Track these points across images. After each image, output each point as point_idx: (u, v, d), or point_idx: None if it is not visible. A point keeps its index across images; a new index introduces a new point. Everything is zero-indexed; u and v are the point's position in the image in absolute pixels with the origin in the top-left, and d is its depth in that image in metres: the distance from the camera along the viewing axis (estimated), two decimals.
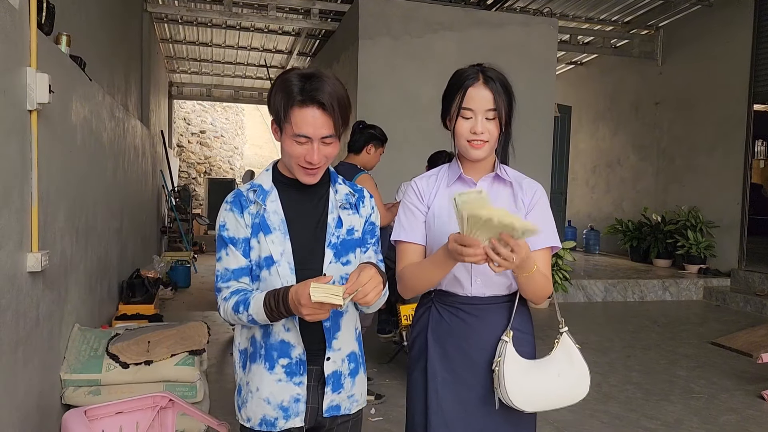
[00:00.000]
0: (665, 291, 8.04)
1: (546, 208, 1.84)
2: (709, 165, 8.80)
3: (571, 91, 11.84)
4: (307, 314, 1.45)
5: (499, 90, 1.74)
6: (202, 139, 17.84)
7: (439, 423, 1.81)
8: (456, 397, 1.81)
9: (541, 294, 1.76)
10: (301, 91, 1.53)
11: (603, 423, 3.79)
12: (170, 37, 10.89)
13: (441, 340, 1.84)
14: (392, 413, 3.83)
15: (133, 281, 5.36)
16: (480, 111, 1.73)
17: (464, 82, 1.76)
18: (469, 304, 1.80)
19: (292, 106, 1.54)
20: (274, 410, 1.65)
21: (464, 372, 1.81)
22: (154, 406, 2.78)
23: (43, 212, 2.72)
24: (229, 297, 1.61)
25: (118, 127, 5.07)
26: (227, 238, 1.64)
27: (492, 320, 1.80)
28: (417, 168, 4.81)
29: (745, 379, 4.70)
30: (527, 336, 1.85)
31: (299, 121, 1.54)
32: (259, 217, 1.64)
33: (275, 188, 1.68)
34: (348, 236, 1.70)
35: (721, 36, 8.52)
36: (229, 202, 1.67)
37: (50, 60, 2.82)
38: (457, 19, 7.75)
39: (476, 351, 1.80)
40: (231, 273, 1.64)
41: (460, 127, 1.76)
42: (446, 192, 1.85)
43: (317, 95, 1.52)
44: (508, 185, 1.84)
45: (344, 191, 1.73)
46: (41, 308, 2.78)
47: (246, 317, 1.57)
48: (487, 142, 1.75)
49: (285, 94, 1.55)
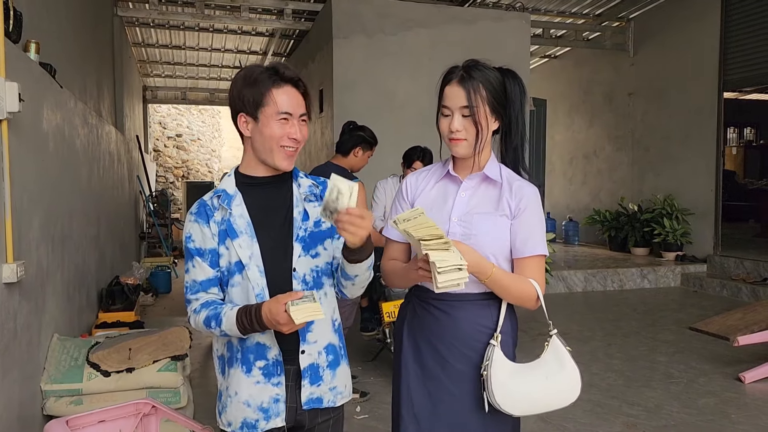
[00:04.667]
0: (644, 279, 8.16)
1: (533, 215, 1.79)
2: (682, 153, 8.93)
3: (546, 85, 11.94)
4: (287, 330, 1.49)
5: (476, 87, 1.73)
6: (178, 142, 17.67)
7: (409, 415, 1.84)
8: (425, 392, 1.84)
9: (518, 299, 1.77)
10: (275, 73, 1.62)
11: (585, 411, 3.85)
12: (142, 41, 10.77)
13: (414, 334, 1.87)
14: (378, 410, 3.85)
15: (112, 288, 5.30)
16: (455, 108, 1.75)
17: (444, 80, 1.79)
18: (441, 300, 1.80)
19: (270, 87, 1.61)
20: (254, 412, 1.65)
21: (434, 367, 1.83)
22: (137, 413, 2.76)
23: (17, 222, 2.69)
24: (200, 309, 1.62)
25: (92, 133, 5.01)
26: (193, 250, 1.65)
27: (462, 318, 1.79)
28: (394, 165, 4.83)
29: (723, 362, 4.80)
30: (506, 336, 1.83)
31: (280, 100, 1.61)
32: (225, 223, 1.64)
33: (239, 192, 1.69)
34: (315, 228, 1.71)
35: (691, 26, 8.66)
36: (194, 213, 1.67)
37: (19, 68, 2.78)
38: (430, 15, 7.78)
39: (444, 347, 1.81)
40: (199, 285, 1.65)
41: (441, 125, 1.80)
42: (434, 188, 1.89)
43: (291, 74, 1.63)
44: (496, 186, 1.82)
45: (307, 183, 1.75)
46: (18, 319, 2.75)
47: (219, 332, 1.60)
48: (465, 139, 1.76)
49: (258, 82, 1.61)
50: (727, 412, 3.84)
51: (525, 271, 1.78)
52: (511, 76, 1.82)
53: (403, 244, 1.89)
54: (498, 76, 1.79)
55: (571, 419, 3.72)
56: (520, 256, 1.78)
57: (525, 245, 1.77)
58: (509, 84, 1.80)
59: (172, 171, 17.48)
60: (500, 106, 1.79)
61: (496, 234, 1.77)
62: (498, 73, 1.80)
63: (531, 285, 1.76)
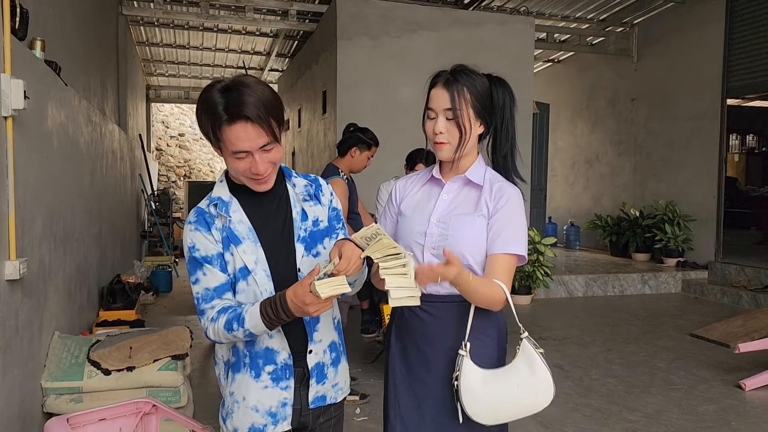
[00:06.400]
0: (644, 284, 8.15)
1: (510, 214, 1.77)
2: (685, 159, 8.93)
3: (549, 89, 11.95)
4: (314, 311, 1.45)
5: (460, 90, 1.74)
6: (181, 142, 17.70)
7: (396, 417, 1.86)
8: (412, 393, 1.85)
9: (486, 302, 1.71)
10: (226, 109, 1.47)
11: (585, 416, 3.84)
12: (147, 40, 10.80)
13: (401, 336, 1.89)
14: (377, 412, 3.84)
15: (113, 287, 5.31)
16: (439, 111, 1.77)
17: (431, 83, 1.82)
18: (426, 301, 1.77)
19: (221, 126, 1.48)
20: (262, 417, 1.64)
21: (420, 369, 1.84)
22: (137, 412, 2.76)
23: (20, 219, 2.69)
24: (217, 317, 1.56)
25: (95, 131, 5.02)
26: (200, 258, 1.59)
27: (447, 320, 1.79)
28: (397, 168, 4.84)
29: (724, 369, 4.79)
30: (489, 339, 1.82)
31: (232, 138, 1.49)
32: (226, 230, 1.60)
33: (234, 198, 1.65)
34: (314, 227, 1.70)
35: (695, 32, 8.66)
36: (193, 222, 1.61)
37: (25, 66, 2.79)
38: (435, 18, 7.79)
39: (430, 350, 1.81)
40: (213, 292, 1.59)
41: (426, 127, 1.82)
42: (419, 191, 1.91)
43: (242, 110, 1.46)
44: (477, 188, 1.83)
45: (302, 183, 1.72)
46: (20, 316, 2.75)
47: (242, 333, 1.53)
48: (448, 143, 1.77)
49: (210, 115, 1.49)
50: (727, 419, 3.84)
51: (492, 267, 1.74)
52: (498, 83, 1.83)
53: None
54: (485, 82, 1.80)
55: (571, 424, 3.71)
56: (490, 252, 1.76)
57: (494, 242, 1.75)
58: (495, 90, 1.81)
59: (174, 170, 17.51)
60: (485, 110, 1.79)
61: (473, 234, 1.76)
62: (485, 79, 1.81)
63: (498, 287, 1.70)
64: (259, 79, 1.56)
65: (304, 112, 10.04)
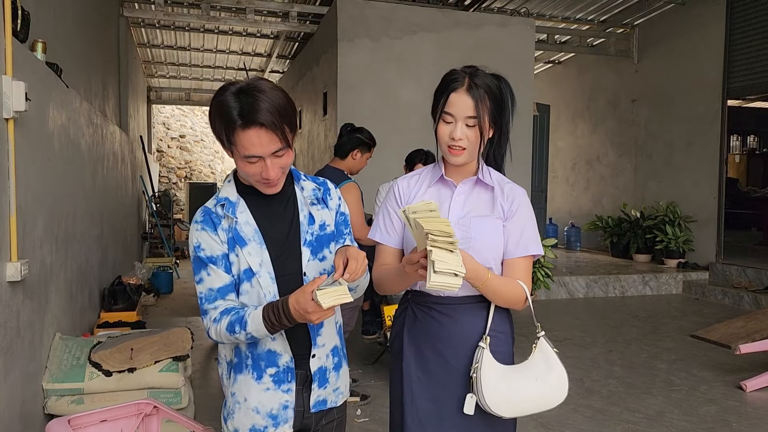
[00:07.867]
0: (645, 285, 8.15)
1: (526, 215, 1.81)
2: (685, 160, 8.93)
3: (550, 90, 11.96)
4: (316, 319, 1.45)
5: (482, 96, 1.72)
6: (182, 143, 17.71)
7: (414, 422, 1.82)
8: (430, 397, 1.82)
9: (508, 301, 1.76)
10: (240, 114, 1.46)
11: (586, 417, 3.84)
12: (148, 42, 10.81)
13: (416, 340, 1.85)
14: (378, 414, 3.85)
15: (114, 288, 5.32)
16: (460, 117, 1.73)
17: (449, 86, 1.75)
18: (442, 304, 1.79)
19: (235, 130, 1.48)
20: (263, 419, 1.64)
21: (438, 372, 1.82)
22: (138, 413, 2.77)
23: (21, 221, 2.70)
24: (220, 318, 1.56)
25: (97, 133, 5.03)
26: (205, 258, 1.59)
27: (466, 321, 1.80)
28: (397, 169, 4.84)
29: (725, 370, 4.79)
30: (504, 336, 1.84)
31: (245, 143, 1.49)
32: (232, 231, 1.60)
33: (241, 198, 1.65)
34: (321, 231, 1.70)
35: (695, 33, 8.66)
36: (200, 222, 1.61)
37: (26, 67, 2.80)
38: (436, 20, 7.79)
39: (450, 351, 1.80)
40: (216, 292, 1.59)
41: (441, 131, 1.77)
42: (426, 193, 1.87)
43: (257, 116, 1.46)
44: (489, 189, 1.83)
45: (310, 187, 1.72)
46: (22, 318, 2.76)
47: (244, 336, 1.54)
48: (465, 149, 1.75)
49: (224, 119, 1.49)
50: (728, 420, 3.83)
51: (514, 271, 1.78)
52: (504, 83, 1.83)
53: (395, 250, 1.88)
54: (496, 84, 1.79)
55: (572, 425, 3.71)
56: (511, 256, 1.78)
57: (517, 246, 1.78)
58: (505, 92, 1.81)
59: (175, 172, 17.52)
60: (498, 115, 1.79)
61: (494, 236, 1.78)
62: (496, 81, 1.80)
63: (520, 287, 1.76)
64: (274, 84, 1.55)
65: (305, 113, 10.05)
